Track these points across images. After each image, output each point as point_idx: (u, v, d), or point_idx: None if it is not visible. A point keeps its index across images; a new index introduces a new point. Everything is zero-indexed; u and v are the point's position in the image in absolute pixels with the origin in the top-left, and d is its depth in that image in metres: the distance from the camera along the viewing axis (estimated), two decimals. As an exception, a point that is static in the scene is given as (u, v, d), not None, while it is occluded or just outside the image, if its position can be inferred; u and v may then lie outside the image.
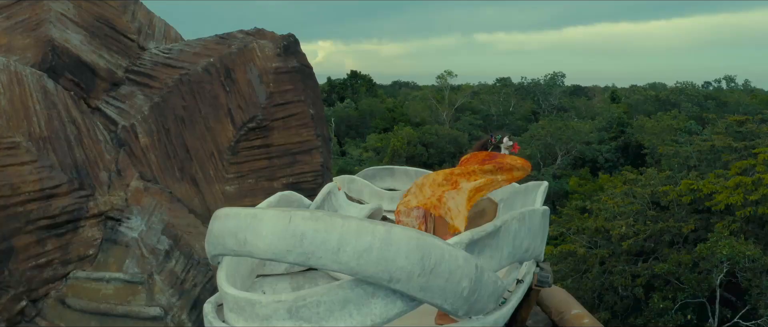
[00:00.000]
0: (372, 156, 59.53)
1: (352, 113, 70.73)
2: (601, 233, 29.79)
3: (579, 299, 29.57)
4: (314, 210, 6.88)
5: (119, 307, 9.45)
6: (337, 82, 78.12)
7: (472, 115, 61.14)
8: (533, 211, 9.44)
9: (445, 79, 66.06)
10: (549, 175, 46.04)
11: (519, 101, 64.28)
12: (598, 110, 59.25)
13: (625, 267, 28.11)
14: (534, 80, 67.29)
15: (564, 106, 64.51)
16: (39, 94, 10.62)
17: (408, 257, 6.43)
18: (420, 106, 66.58)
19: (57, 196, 10.10)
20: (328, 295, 6.65)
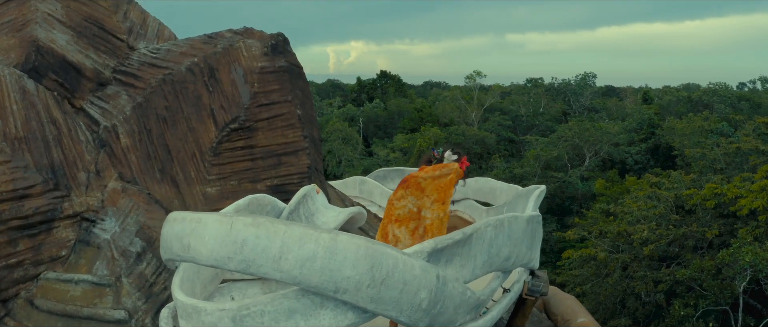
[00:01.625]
0: (399, 156, 59.30)
1: (381, 113, 70.61)
2: (624, 237, 29.17)
3: (599, 305, 29.05)
4: (257, 216, 6.66)
5: (85, 310, 9.38)
6: (367, 83, 78.05)
7: (501, 116, 60.45)
8: (515, 218, 9.06)
9: (474, 80, 65.46)
10: (576, 177, 45.31)
11: (549, 102, 63.38)
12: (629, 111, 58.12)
13: (647, 272, 27.47)
14: (565, 80, 66.34)
15: (595, 107, 63.45)
16: (17, 94, 10.60)
17: (355, 267, 6.15)
18: (448, 107, 66.10)
19: (30, 197, 10.07)
20: (272, 304, 6.42)
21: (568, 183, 44.79)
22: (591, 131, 45.72)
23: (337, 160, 52.75)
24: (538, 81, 67.59)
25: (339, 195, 17.39)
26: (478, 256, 8.17)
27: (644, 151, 47.66)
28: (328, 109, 74.85)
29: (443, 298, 7.09)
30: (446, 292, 7.14)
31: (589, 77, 64.54)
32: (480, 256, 8.20)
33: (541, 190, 13.60)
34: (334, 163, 52.26)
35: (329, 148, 53.28)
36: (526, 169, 46.35)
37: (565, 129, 48.05)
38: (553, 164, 46.73)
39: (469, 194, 20.47)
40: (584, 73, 64.72)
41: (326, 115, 70.87)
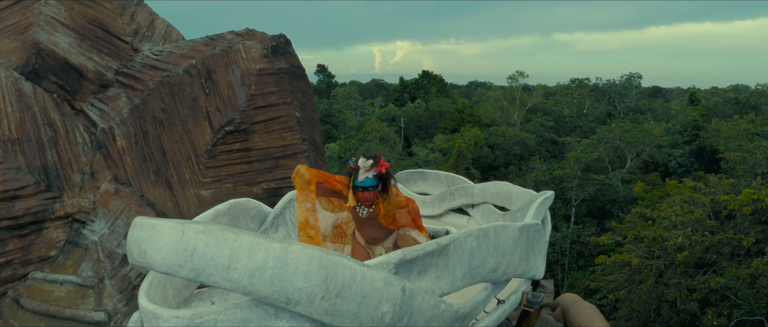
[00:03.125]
0: (439, 157, 59.07)
1: (422, 113, 70.38)
2: (659, 243, 28.42)
3: (633, 312, 28.36)
4: (208, 223, 6.54)
5: (66, 310, 9.46)
6: (409, 83, 77.89)
7: (544, 117, 59.64)
8: (504, 228, 8.68)
9: (516, 80, 64.72)
10: (617, 180, 44.40)
11: (593, 103, 62.27)
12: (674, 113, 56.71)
13: (681, 280, 26.71)
14: (609, 81, 65.06)
15: (640, 108, 62.10)
16: (12, 96, 10.78)
17: (307, 278, 5.95)
18: (490, 107, 65.52)
19: (21, 198, 10.22)
20: (225, 314, 6.29)
21: (609, 186, 43.92)
22: (633, 132, 44.72)
23: (376, 160, 52.68)
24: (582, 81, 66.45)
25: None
26: (457, 267, 7.85)
27: (688, 153, 46.41)
28: (370, 108, 74.94)
29: (411, 312, 6.81)
30: (414, 305, 6.85)
31: (635, 77, 63.16)
32: (460, 267, 7.88)
33: (545, 196, 13.23)
34: (371, 163, 52.21)
35: (367, 148, 53.30)
36: (566, 171, 45.59)
37: (605, 130, 47.09)
38: (594, 166, 45.86)
39: (488, 198, 20.15)
40: (629, 74, 63.40)
41: (367, 115, 70.98)
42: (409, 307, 6.71)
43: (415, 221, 7.07)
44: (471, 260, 7.96)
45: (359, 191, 6.65)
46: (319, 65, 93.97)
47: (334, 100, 76.96)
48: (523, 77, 64.38)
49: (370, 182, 6.54)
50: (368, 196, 6.66)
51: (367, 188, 6.58)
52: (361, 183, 6.57)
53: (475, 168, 53.86)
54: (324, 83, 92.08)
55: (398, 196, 6.86)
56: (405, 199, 6.93)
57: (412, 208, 7.19)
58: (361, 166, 6.60)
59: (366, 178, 6.56)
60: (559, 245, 44.06)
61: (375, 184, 6.58)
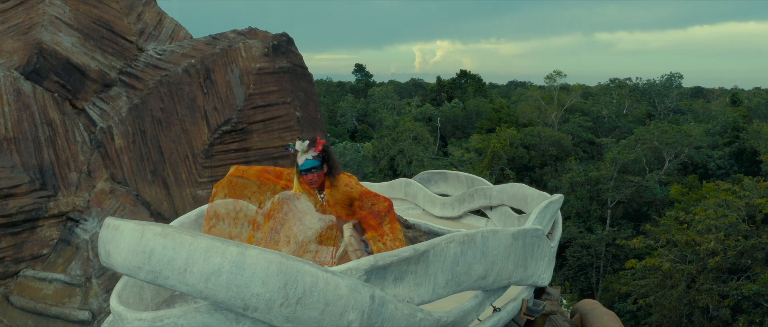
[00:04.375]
0: (474, 157, 58.60)
1: (459, 113, 69.92)
2: (691, 247, 27.67)
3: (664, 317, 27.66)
4: (167, 225, 6.46)
5: (53, 308, 9.52)
6: (446, 82, 77.46)
7: (582, 117, 58.66)
8: (494, 233, 8.39)
9: (554, 80, 63.80)
10: (654, 182, 43.41)
11: (633, 103, 61.05)
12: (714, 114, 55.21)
13: (713, 285, 25.95)
14: (649, 81, 63.65)
15: (681, 109, 60.63)
16: (10, 96, 10.89)
17: (265, 283, 5.79)
18: (528, 107, 64.73)
19: (15, 196, 10.31)
20: (185, 318, 6.16)
21: (646, 188, 42.96)
22: (671, 133, 43.65)
23: (408, 160, 52.47)
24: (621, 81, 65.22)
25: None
26: (439, 274, 7.56)
27: (727, 155, 45.12)
28: (407, 108, 74.74)
29: (381, 320, 6.55)
30: (386, 313, 6.60)
31: (675, 77, 61.67)
32: (442, 274, 7.58)
33: (551, 200, 12.86)
34: (404, 163, 52.03)
35: (400, 147, 53.09)
36: (602, 173, 44.77)
37: (643, 131, 46.06)
38: (631, 168, 44.92)
39: (505, 201, 19.81)
40: (670, 74, 61.93)
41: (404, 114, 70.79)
42: (380, 316, 6.47)
43: (373, 220, 6.77)
44: (455, 267, 7.65)
45: (303, 175, 6.52)
46: (357, 64, 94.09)
47: (371, 100, 76.95)
48: (561, 77, 63.45)
49: (311, 163, 6.40)
50: (312, 178, 6.50)
51: (309, 170, 6.44)
52: (302, 166, 6.44)
53: (510, 168, 53.27)
54: (362, 82, 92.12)
55: (348, 186, 6.59)
56: (361, 192, 6.62)
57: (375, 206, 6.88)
58: (298, 149, 6.45)
59: (306, 160, 6.42)
60: (593, 248, 43.27)
61: (318, 165, 6.41)
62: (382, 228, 6.65)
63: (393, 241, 6.84)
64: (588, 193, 45.65)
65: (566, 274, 44.55)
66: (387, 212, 6.65)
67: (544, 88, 67.73)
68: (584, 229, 44.54)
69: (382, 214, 6.63)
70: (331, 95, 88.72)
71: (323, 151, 6.41)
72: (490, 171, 53.59)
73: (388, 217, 6.68)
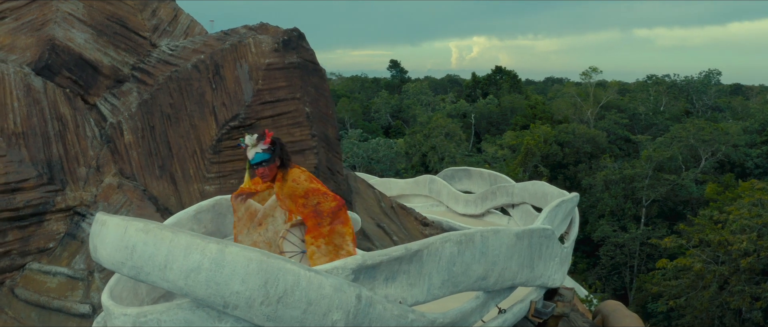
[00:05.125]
0: (507, 154, 58.08)
1: (494, 110, 69.38)
2: (724, 248, 27.00)
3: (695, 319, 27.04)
4: (149, 221, 6.42)
5: (55, 302, 9.60)
6: (481, 78, 76.92)
7: (618, 114, 57.74)
8: (495, 233, 8.19)
9: (590, 76, 62.90)
10: (690, 180, 42.52)
11: (671, 100, 59.90)
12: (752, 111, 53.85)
13: (745, 287, 25.28)
14: (687, 78, 62.35)
15: (719, 106, 59.29)
16: (20, 91, 11.02)
17: (245, 282, 5.72)
18: (563, 104, 63.95)
19: (23, 190, 10.43)
20: (167, 314, 6.14)
21: (681, 186, 42.10)
22: (708, 131, 42.72)
23: (440, 156, 52.19)
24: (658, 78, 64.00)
25: (377, 195, 17.03)
26: (433, 274, 7.37)
27: (766, 154, 43.97)
28: (441, 104, 74.40)
29: (369, 321, 6.40)
30: (373, 314, 6.44)
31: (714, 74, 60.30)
32: (437, 274, 7.39)
33: (562, 200, 12.61)
34: (436, 159, 51.78)
35: (432, 144, 52.82)
36: (637, 171, 44.03)
37: (679, 128, 45.16)
38: (667, 166, 44.09)
39: (526, 198, 19.54)
40: (708, 70, 60.63)
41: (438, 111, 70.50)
42: (367, 316, 6.31)
43: (312, 220, 6.58)
44: (451, 267, 7.45)
45: (254, 169, 6.44)
46: (392, 61, 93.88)
47: (405, 96, 76.80)
48: (597, 73, 62.52)
49: (261, 157, 6.31)
50: (263, 172, 6.40)
51: (259, 164, 6.35)
52: (253, 160, 6.36)
53: (544, 166, 52.69)
54: (396, 79, 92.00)
55: (295, 182, 6.43)
56: (306, 189, 6.43)
57: (320, 205, 6.65)
58: (248, 143, 6.35)
59: (256, 154, 6.33)
60: (627, 247, 42.59)
61: (268, 158, 6.32)
62: (320, 229, 6.46)
63: (328, 245, 6.63)
64: (622, 191, 44.94)
65: (599, 273, 43.93)
66: (332, 213, 6.46)
67: (580, 85, 66.89)
68: (618, 228, 43.88)
69: (325, 214, 6.44)
70: (366, 91, 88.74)
71: (273, 144, 6.29)
72: (524, 168, 53.06)
73: (330, 218, 6.49)
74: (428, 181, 24.64)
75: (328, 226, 6.51)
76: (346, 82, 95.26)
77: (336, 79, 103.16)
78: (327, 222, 6.47)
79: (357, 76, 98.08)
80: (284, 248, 6.74)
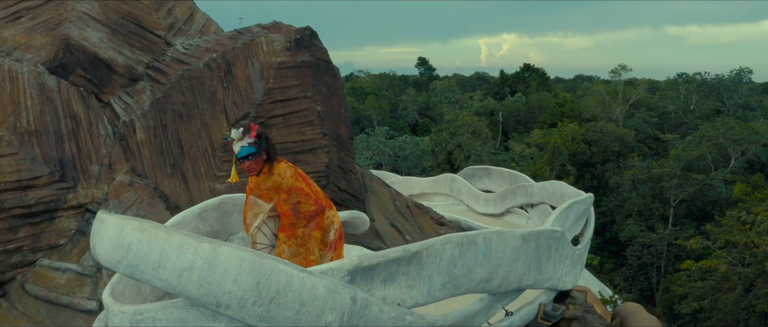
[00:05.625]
0: (534, 152, 57.66)
1: (522, 107, 68.92)
2: (750, 249, 26.52)
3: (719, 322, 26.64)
4: (145, 220, 6.46)
5: (63, 298, 9.72)
6: (510, 76, 76.44)
7: (647, 113, 56.96)
8: (499, 234, 8.08)
9: (619, 74, 62.11)
10: (719, 180, 41.80)
11: (701, 99, 58.92)
12: (786, 109, 52.84)
13: (771, 289, 24.87)
14: (718, 76, 61.27)
15: (751, 105, 58.16)
16: (34, 90, 11.17)
17: (237, 282, 5.74)
18: (592, 102, 63.27)
19: (34, 187, 10.58)
20: (163, 312, 6.19)
21: (710, 186, 41.41)
22: (737, 130, 41.93)
23: (466, 154, 51.97)
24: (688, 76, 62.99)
25: (392, 194, 16.99)
26: (434, 276, 7.29)
27: (798, 154, 43.13)
28: (469, 102, 74.10)
29: (364, 322, 6.35)
30: (369, 315, 6.40)
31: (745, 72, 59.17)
32: (437, 276, 7.31)
33: (574, 201, 12.41)
34: (462, 157, 51.56)
35: (458, 142, 52.60)
36: (665, 170, 43.41)
37: (708, 127, 44.40)
38: (695, 165, 43.40)
39: (545, 198, 19.35)
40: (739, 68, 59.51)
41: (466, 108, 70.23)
42: (362, 318, 6.28)
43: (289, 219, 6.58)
44: (452, 269, 7.37)
45: (240, 162, 6.45)
46: (420, 58, 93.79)
47: (433, 93, 76.62)
48: (626, 71, 61.72)
49: (247, 151, 6.33)
50: (249, 166, 6.42)
51: (245, 157, 6.37)
52: (239, 154, 6.38)
53: (572, 164, 52.22)
54: (425, 76, 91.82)
55: (281, 177, 6.44)
56: (290, 186, 6.44)
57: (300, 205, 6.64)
58: (234, 137, 6.36)
59: (241, 148, 6.35)
60: (655, 247, 42.03)
61: (254, 151, 6.34)
62: (294, 230, 6.46)
63: (300, 247, 6.61)
64: (650, 190, 44.35)
65: (626, 274, 43.44)
66: (309, 216, 6.46)
67: (609, 83, 66.10)
68: (646, 228, 43.34)
69: (302, 216, 6.44)
70: (394, 89, 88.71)
71: (259, 138, 6.31)
72: (551, 167, 52.63)
73: (306, 221, 6.48)
74: (449, 180, 24.52)
75: (303, 229, 6.52)
76: (374, 80, 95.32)
77: (364, 77, 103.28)
78: (302, 224, 6.48)
79: (385, 74, 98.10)
80: (257, 239, 6.73)
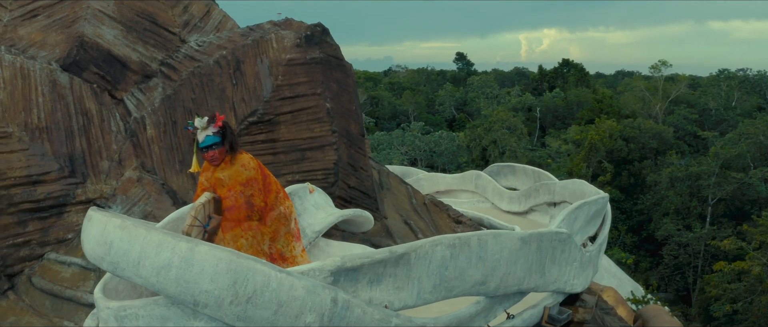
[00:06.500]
0: (571, 148, 56.98)
1: (560, 103, 68.13)
2: (787, 250, 25.84)
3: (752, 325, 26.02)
4: (127, 218, 6.52)
5: (67, 291, 9.89)
6: (548, 71, 75.58)
7: (687, 109, 55.81)
8: (496, 236, 7.96)
9: (659, 70, 60.92)
10: (758, 179, 40.76)
11: (743, 95, 57.48)
12: (831, 106, 51.21)
13: (807, 292, 24.15)
14: (760, 72, 59.68)
15: (795, 102, 56.66)
16: (46, 87, 11.37)
17: (214, 281, 5.79)
18: (632, 98, 62.23)
19: (44, 182, 10.78)
20: (145, 309, 6.28)
21: (749, 185, 40.42)
22: (777, 127, 40.85)
23: (501, 150, 51.55)
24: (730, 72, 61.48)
25: (409, 192, 16.92)
26: (424, 278, 7.22)
27: (844, 152, 41.79)
28: (506, 97, 73.51)
29: (346, 324, 6.33)
30: (351, 317, 6.36)
31: (789, 68, 57.56)
32: (427, 278, 7.24)
33: (583, 202, 12.15)
34: (496, 153, 51.17)
35: (493, 138, 52.22)
36: (704, 168, 42.51)
37: (748, 125, 43.31)
38: (735, 163, 42.39)
39: (566, 197, 19.08)
40: (784, 64, 57.95)
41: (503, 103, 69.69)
42: (344, 320, 6.23)
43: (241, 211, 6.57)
44: (443, 271, 7.28)
45: (203, 152, 6.45)
46: (458, 53, 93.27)
47: (470, 88, 76.19)
48: (666, 67, 60.52)
49: (211, 140, 6.37)
50: (213, 155, 6.43)
51: (209, 147, 6.39)
52: (203, 143, 6.38)
53: (609, 161, 51.47)
54: (463, 71, 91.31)
55: (244, 167, 6.45)
56: (248, 178, 6.46)
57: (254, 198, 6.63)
58: (198, 126, 6.36)
59: (206, 137, 6.36)
60: (692, 246, 41.21)
61: (218, 141, 6.37)
62: (250, 222, 6.48)
63: (235, 240, 6.61)
64: (688, 188, 43.49)
65: (662, 273, 42.71)
66: (260, 211, 6.47)
67: (649, 79, 64.90)
68: (682, 227, 42.54)
69: (255, 209, 6.45)
70: (431, 84, 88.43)
71: (224, 128, 6.33)
72: (588, 163, 51.96)
73: (259, 215, 6.50)
74: (474, 177, 24.39)
75: (257, 222, 6.56)
76: (412, 75, 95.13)
77: (402, 72, 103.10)
78: (256, 217, 6.53)
79: (423, 69, 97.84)
80: (194, 214, 6.69)
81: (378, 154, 51.12)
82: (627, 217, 47.57)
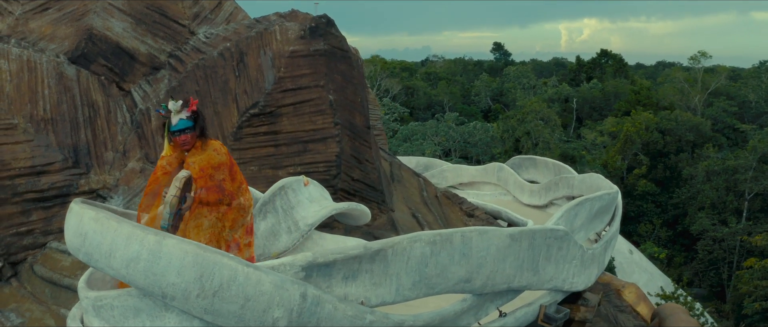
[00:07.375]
0: (607, 140, 56.12)
1: (597, 94, 67.14)
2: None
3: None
4: (101, 210, 6.61)
5: (65, 279, 10.09)
6: (586, 62, 74.49)
7: (727, 101, 54.51)
8: (482, 233, 7.87)
9: (698, 61, 59.58)
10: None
11: (784, 87, 56.00)
12: None
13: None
14: (802, 63, 58.05)
15: (840, 94, 54.89)
16: (52, 79, 11.60)
17: (180, 274, 5.86)
18: (670, 90, 61.01)
19: (48, 173, 11.01)
20: (119, 299, 6.40)
21: (787, 180, 39.43)
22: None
23: (534, 141, 51.00)
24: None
25: (420, 184, 16.86)
26: (402, 275, 7.14)
27: None
28: (543, 88, 72.67)
29: (316, 320, 6.31)
30: (322, 313, 6.34)
31: (834, 59, 55.76)
32: (406, 275, 7.16)
33: (585, 198, 11.92)
34: (529, 144, 50.64)
35: (527, 129, 51.69)
36: (741, 162, 41.54)
37: (788, 118, 42.17)
38: (773, 158, 41.35)
39: (584, 191, 18.79)
40: (829, 54, 56.17)
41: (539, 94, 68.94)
42: (314, 315, 6.22)
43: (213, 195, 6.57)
44: (423, 268, 7.19)
45: (175, 135, 6.45)
46: (495, 43, 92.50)
47: (506, 79, 75.52)
48: (706, 58, 59.15)
49: (184, 124, 6.37)
50: (185, 139, 6.43)
51: (182, 131, 6.39)
52: (175, 126, 6.38)
53: (644, 154, 50.60)
54: (500, 61, 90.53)
55: (216, 152, 6.48)
56: (220, 163, 6.47)
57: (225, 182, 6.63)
58: (172, 109, 6.37)
59: (179, 120, 6.37)
60: (727, 242, 40.35)
61: (191, 126, 6.37)
62: (219, 207, 6.53)
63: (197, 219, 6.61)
64: (724, 182, 42.56)
65: (696, 268, 41.92)
66: (230, 195, 6.51)
67: (688, 70, 63.56)
68: (718, 222, 41.66)
69: (226, 193, 6.47)
70: (468, 74, 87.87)
71: (196, 113, 6.34)
72: (623, 156, 51.17)
73: (229, 199, 6.52)
74: (496, 169, 24.19)
75: (226, 207, 6.59)
76: (449, 65, 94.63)
77: (439, 62, 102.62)
78: (226, 201, 6.56)
79: (460, 59, 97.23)
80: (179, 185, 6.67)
81: (411, 144, 51.00)
82: (662, 210, 46.75)
